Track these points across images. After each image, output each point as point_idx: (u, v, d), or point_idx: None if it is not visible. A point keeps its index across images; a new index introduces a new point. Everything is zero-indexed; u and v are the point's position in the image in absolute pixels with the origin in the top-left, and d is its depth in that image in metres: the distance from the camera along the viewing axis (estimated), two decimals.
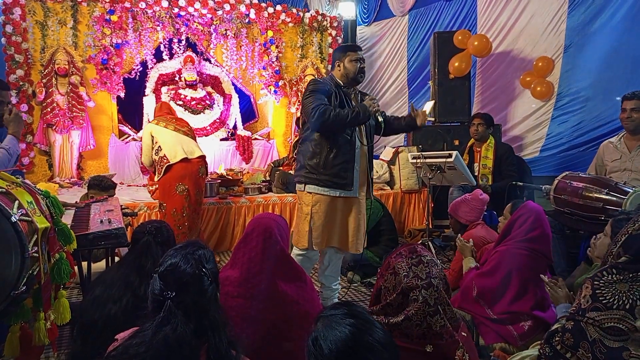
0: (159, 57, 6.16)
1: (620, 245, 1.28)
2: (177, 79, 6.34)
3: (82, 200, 3.08)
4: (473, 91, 5.71)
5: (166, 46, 6.10)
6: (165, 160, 3.44)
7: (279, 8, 6.50)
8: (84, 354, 1.53)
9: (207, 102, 6.35)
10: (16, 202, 1.35)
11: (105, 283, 1.63)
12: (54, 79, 5.23)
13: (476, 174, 4.10)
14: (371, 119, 2.59)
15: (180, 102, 6.14)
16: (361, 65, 2.60)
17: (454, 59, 5.20)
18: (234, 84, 6.73)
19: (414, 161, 3.99)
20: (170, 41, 6.10)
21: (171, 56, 6.19)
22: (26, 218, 1.35)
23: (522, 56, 5.37)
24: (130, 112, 6.28)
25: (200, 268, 1.13)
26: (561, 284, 1.82)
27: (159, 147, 3.50)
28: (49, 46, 5.34)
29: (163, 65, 6.27)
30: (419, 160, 3.88)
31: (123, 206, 3.02)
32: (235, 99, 6.71)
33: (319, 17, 6.85)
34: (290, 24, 6.69)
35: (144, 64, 6.03)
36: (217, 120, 6.43)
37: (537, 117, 5.21)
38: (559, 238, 2.80)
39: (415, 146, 5.03)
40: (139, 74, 5.96)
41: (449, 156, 3.59)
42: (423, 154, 3.89)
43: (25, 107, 5.19)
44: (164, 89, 6.28)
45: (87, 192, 3.32)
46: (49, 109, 5.15)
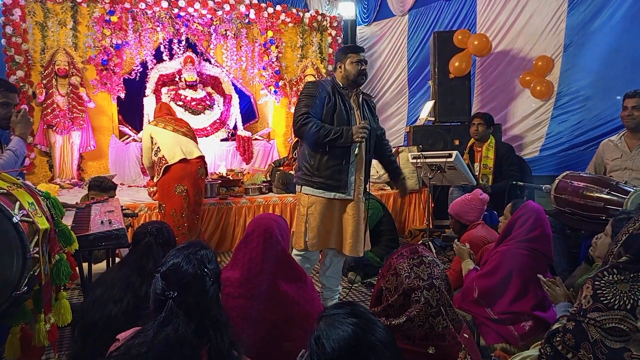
0: (159, 58, 6.16)
1: (621, 244, 1.27)
2: (177, 79, 6.33)
3: (82, 201, 3.08)
4: (473, 91, 5.71)
5: (166, 47, 6.09)
6: (164, 161, 3.43)
7: (278, 8, 6.49)
8: (84, 354, 1.53)
9: (207, 102, 6.35)
10: (17, 203, 1.35)
11: (106, 284, 1.63)
12: (54, 79, 5.23)
13: (477, 173, 4.10)
14: (371, 122, 2.61)
15: (181, 103, 6.14)
16: (362, 67, 2.54)
17: (454, 59, 5.20)
18: (234, 84, 6.73)
19: (414, 161, 3.99)
20: (170, 42, 6.10)
21: (171, 57, 6.18)
22: (27, 219, 1.35)
23: (522, 55, 5.36)
24: (131, 113, 6.28)
25: (202, 268, 1.13)
26: (559, 282, 1.82)
27: (158, 148, 3.49)
28: (49, 47, 5.34)
29: (163, 66, 6.27)
30: (419, 160, 3.88)
31: (123, 207, 3.02)
32: (236, 100, 6.70)
33: (319, 17, 6.85)
34: (290, 24, 6.69)
35: (144, 64, 6.03)
36: (218, 121, 6.42)
37: (537, 117, 5.20)
38: (559, 238, 2.80)
39: (416, 146, 5.02)
40: (139, 74, 5.96)
41: (449, 156, 3.59)
42: (423, 153, 3.89)
43: (26, 108, 5.17)
44: (164, 90, 6.28)
45: (87, 193, 3.32)
46: (49, 110, 5.15)
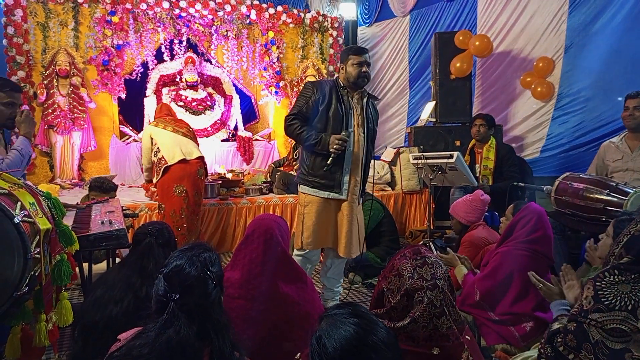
0: (159, 58, 6.16)
1: (622, 246, 1.27)
2: (178, 80, 6.33)
3: (83, 201, 3.08)
4: (474, 92, 5.71)
5: (167, 47, 6.10)
6: (163, 162, 3.43)
7: (279, 9, 6.49)
8: (84, 355, 1.53)
9: (208, 103, 6.35)
10: (18, 203, 1.35)
11: (106, 284, 1.62)
12: (55, 80, 5.23)
13: (477, 174, 4.09)
14: (374, 124, 2.65)
15: (181, 103, 6.15)
16: (363, 69, 2.50)
17: (455, 60, 5.20)
18: (234, 84, 6.73)
19: (415, 162, 3.98)
20: (171, 42, 6.10)
21: (172, 57, 6.19)
22: (28, 219, 1.35)
23: (522, 56, 5.36)
24: (131, 113, 6.28)
25: (205, 271, 1.13)
26: (554, 281, 1.81)
27: (158, 148, 3.49)
28: (50, 47, 5.34)
29: (164, 66, 6.27)
30: (420, 161, 3.87)
31: (124, 207, 3.02)
32: (236, 100, 6.70)
33: (320, 18, 6.85)
34: (291, 25, 6.69)
35: (145, 65, 6.03)
36: (218, 121, 6.42)
37: (538, 118, 5.19)
38: (560, 239, 2.79)
39: (417, 147, 5.02)
40: (140, 75, 5.96)
41: (450, 157, 3.59)
42: (424, 154, 3.88)
43: (27, 108, 5.19)
44: (164, 90, 6.28)
45: (88, 193, 3.32)
46: (50, 110, 5.15)
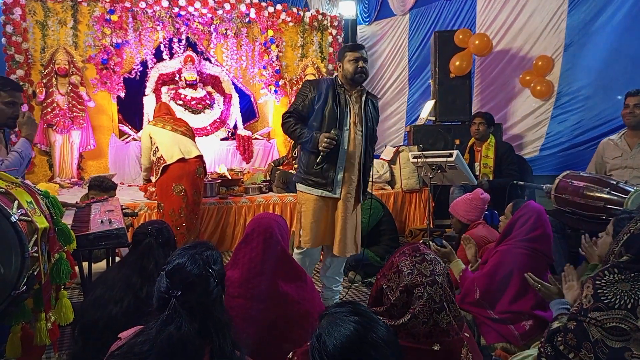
0: (159, 57, 6.15)
1: (622, 244, 1.27)
2: (177, 78, 6.33)
3: (82, 200, 3.08)
4: (473, 90, 5.70)
5: (166, 46, 6.09)
6: (162, 161, 3.43)
7: (279, 7, 6.48)
8: (84, 354, 1.53)
9: (207, 101, 6.34)
10: (16, 202, 1.35)
11: (106, 284, 1.62)
12: (54, 79, 5.23)
13: (477, 173, 4.09)
14: (374, 123, 2.65)
15: (181, 102, 6.14)
16: (360, 65, 2.50)
17: (454, 58, 5.20)
18: (234, 83, 6.72)
19: (415, 160, 3.98)
20: (171, 41, 6.09)
21: (171, 56, 6.18)
22: (26, 218, 1.34)
23: (522, 55, 5.35)
24: (131, 112, 6.28)
25: (206, 269, 1.14)
26: (552, 281, 1.81)
27: (157, 147, 3.49)
28: (49, 46, 5.33)
29: (163, 65, 6.26)
30: (419, 160, 3.87)
31: (123, 206, 3.01)
32: (236, 99, 6.70)
33: (320, 17, 6.84)
34: (290, 24, 6.68)
35: (144, 63, 6.03)
36: (218, 120, 6.42)
37: (537, 116, 5.19)
38: (560, 237, 2.79)
39: (416, 145, 5.02)
40: (139, 73, 5.95)
41: (450, 155, 3.58)
42: (424, 153, 3.88)
43: (26, 107, 5.17)
44: (164, 89, 6.28)
45: (87, 192, 3.32)
46: (49, 109, 5.15)
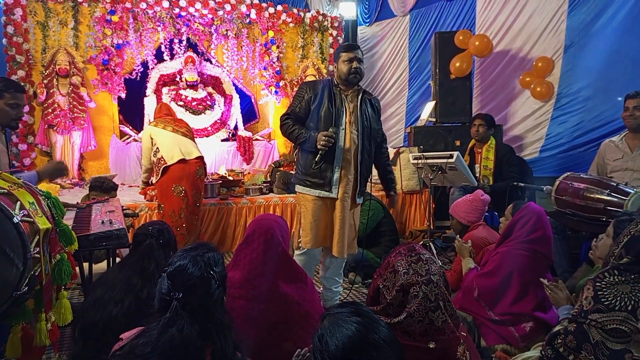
0: (159, 58, 6.15)
1: (622, 246, 1.27)
2: (178, 79, 6.32)
3: (83, 201, 3.08)
4: (473, 91, 5.71)
5: (167, 47, 6.09)
6: (162, 162, 3.43)
7: (279, 8, 6.49)
8: (84, 355, 1.53)
9: (208, 102, 6.34)
10: (18, 203, 1.35)
11: (106, 284, 1.62)
12: (55, 79, 5.23)
13: (477, 175, 4.09)
14: (371, 122, 2.64)
15: (181, 103, 6.14)
16: (354, 66, 2.48)
17: (455, 59, 5.20)
18: (234, 84, 6.72)
19: (415, 162, 3.98)
20: (171, 42, 6.10)
21: (172, 57, 6.18)
22: (28, 219, 1.35)
23: (522, 56, 5.35)
24: (131, 113, 6.28)
25: (208, 271, 1.14)
26: (561, 285, 1.81)
27: (157, 148, 3.49)
28: (50, 47, 5.34)
29: (164, 66, 6.26)
30: (420, 161, 3.87)
31: (124, 207, 3.02)
32: (236, 100, 6.69)
33: (320, 18, 6.84)
34: (291, 24, 6.68)
35: (144, 64, 6.03)
36: (218, 121, 6.42)
37: (537, 118, 5.19)
38: (560, 239, 2.79)
39: (417, 147, 5.02)
40: (139, 74, 5.95)
41: (450, 157, 3.59)
42: (424, 154, 3.89)
43: (27, 107, 5.18)
44: (164, 90, 6.27)
45: (88, 193, 3.33)
46: (50, 110, 5.15)
